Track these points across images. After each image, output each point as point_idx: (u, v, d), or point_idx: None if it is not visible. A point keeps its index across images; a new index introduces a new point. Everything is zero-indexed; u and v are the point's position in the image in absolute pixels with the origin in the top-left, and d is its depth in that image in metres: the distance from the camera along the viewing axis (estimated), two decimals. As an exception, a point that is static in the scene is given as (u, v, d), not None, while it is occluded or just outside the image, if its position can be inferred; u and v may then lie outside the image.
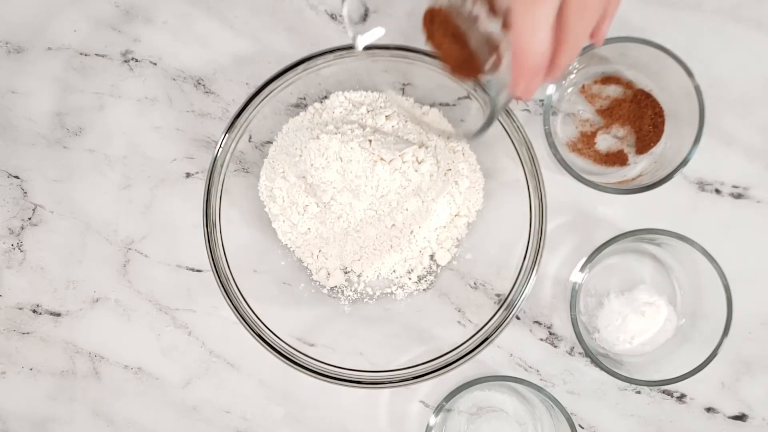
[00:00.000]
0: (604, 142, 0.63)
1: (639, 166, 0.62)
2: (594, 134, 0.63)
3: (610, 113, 0.62)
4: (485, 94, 0.50)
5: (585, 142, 0.63)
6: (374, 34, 0.46)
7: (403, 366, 0.58)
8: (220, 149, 0.57)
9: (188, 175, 0.65)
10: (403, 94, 0.62)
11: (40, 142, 0.66)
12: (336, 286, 0.63)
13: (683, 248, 0.59)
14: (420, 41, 0.45)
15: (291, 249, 0.63)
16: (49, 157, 0.66)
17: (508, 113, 0.56)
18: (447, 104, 0.62)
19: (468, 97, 0.58)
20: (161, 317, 0.65)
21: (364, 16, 0.45)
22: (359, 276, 0.63)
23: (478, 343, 0.56)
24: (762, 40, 0.63)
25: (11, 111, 0.66)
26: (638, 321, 0.60)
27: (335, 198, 0.59)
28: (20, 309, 0.66)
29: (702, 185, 0.63)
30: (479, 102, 0.55)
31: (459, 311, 0.63)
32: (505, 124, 0.56)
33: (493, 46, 0.44)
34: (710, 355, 0.57)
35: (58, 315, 0.66)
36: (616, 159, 0.62)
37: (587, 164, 0.63)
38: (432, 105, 0.62)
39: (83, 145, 0.66)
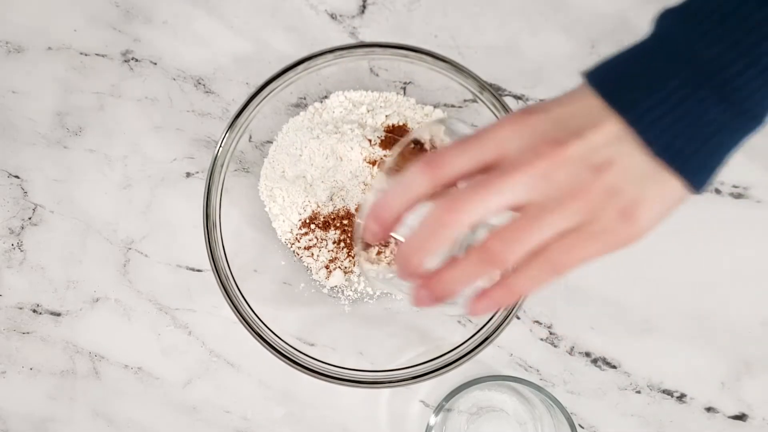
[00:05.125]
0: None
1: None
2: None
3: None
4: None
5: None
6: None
7: (403, 366, 0.57)
8: (220, 149, 0.57)
9: (188, 175, 0.65)
10: (404, 93, 0.62)
11: (40, 142, 0.66)
12: (336, 286, 0.63)
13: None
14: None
15: (291, 249, 0.63)
16: (49, 156, 0.66)
17: (506, 108, 0.56)
18: (453, 105, 0.62)
19: (475, 100, 0.57)
20: (161, 317, 0.65)
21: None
22: (359, 276, 0.63)
23: (478, 343, 0.56)
24: (762, 40, 0.63)
25: (11, 111, 0.66)
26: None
27: (335, 198, 0.59)
28: (20, 309, 0.66)
29: (702, 185, 0.63)
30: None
31: (459, 311, 0.63)
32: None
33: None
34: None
35: (58, 315, 0.66)
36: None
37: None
38: (436, 106, 0.62)
39: (83, 145, 0.66)
